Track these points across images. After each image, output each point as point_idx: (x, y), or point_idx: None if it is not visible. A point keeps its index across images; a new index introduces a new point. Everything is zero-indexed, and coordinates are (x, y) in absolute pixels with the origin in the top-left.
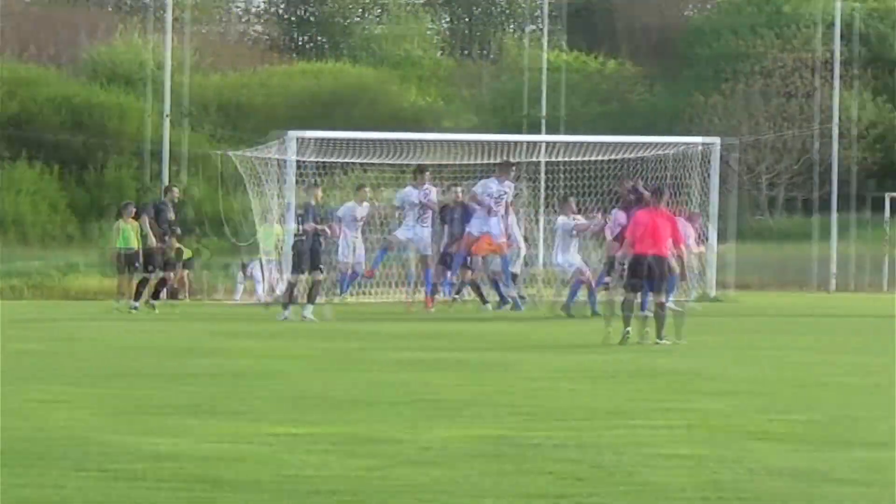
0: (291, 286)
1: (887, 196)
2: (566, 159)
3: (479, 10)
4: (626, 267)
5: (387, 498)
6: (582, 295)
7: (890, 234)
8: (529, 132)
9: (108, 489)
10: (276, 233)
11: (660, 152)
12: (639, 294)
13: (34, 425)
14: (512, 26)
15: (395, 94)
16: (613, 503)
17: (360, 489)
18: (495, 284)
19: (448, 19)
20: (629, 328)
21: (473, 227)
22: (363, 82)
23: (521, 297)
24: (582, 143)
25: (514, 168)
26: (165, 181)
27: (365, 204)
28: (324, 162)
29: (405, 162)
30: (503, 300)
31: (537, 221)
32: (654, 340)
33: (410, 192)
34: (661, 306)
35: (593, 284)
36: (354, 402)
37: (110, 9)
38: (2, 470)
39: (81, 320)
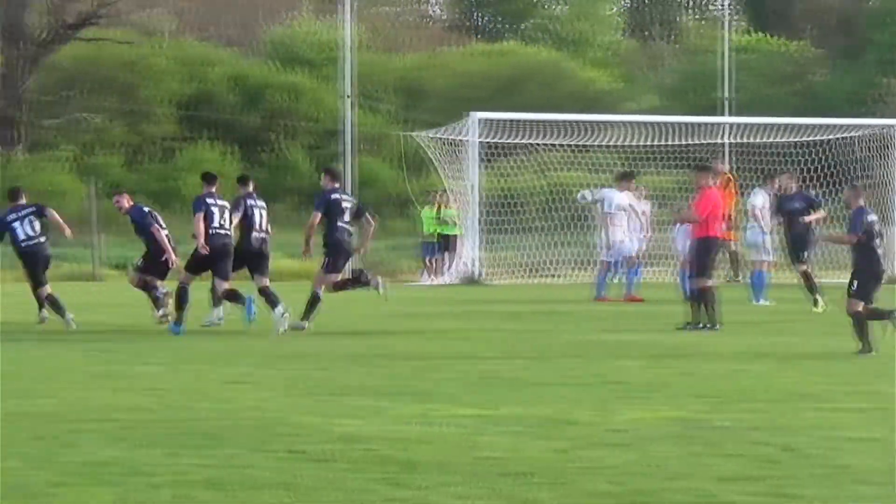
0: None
1: None
2: (749, 141)
3: None
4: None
5: (578, 479)
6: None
7: None
8: (711, 114)
9: (298, 470)
10: (429, 215)
11: (845, 134)
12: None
13: (221, 406)
14: (692, 8)
15: (573, 75)
16: (807, 486)
17: (552, 470)
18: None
19: (628, 1)
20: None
21: None
22: (541, 63)
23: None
24: (764, 125)
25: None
26: (349, 162)
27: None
28: (505, 143)
29: (587, 143)
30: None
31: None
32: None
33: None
34: None
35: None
36: (544, 384)
37: None
38: (191, 451)
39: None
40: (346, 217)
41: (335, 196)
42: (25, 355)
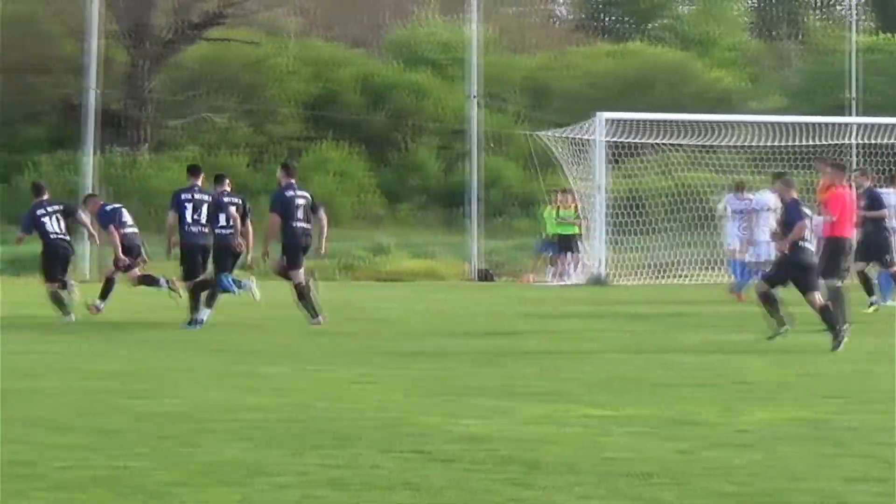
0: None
1: None
2: (876, 142)
3: None
4: None
5: (702, 480)
6: None
7: None
8: (837, 115)
9: (422, 470)
10: (548, 215)
11: None
12: None
13: (346, 406)
14: (818, 8)
15: (699, 75)
16: None
17: (676, 471)
18: None
19: (755, 1)
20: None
21: None
22: (667, 63)
23: None
24: (892, 126)
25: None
26: (475, 161)
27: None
28: (631, 143)
29: (713, 143)
30: None
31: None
32: None
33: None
34: None
35: None
36: (670, 384)
37: None
38: (315, 451)
39: (390, 301)
40: (300, 214)
41: (289, 194)
42: (151, 355)
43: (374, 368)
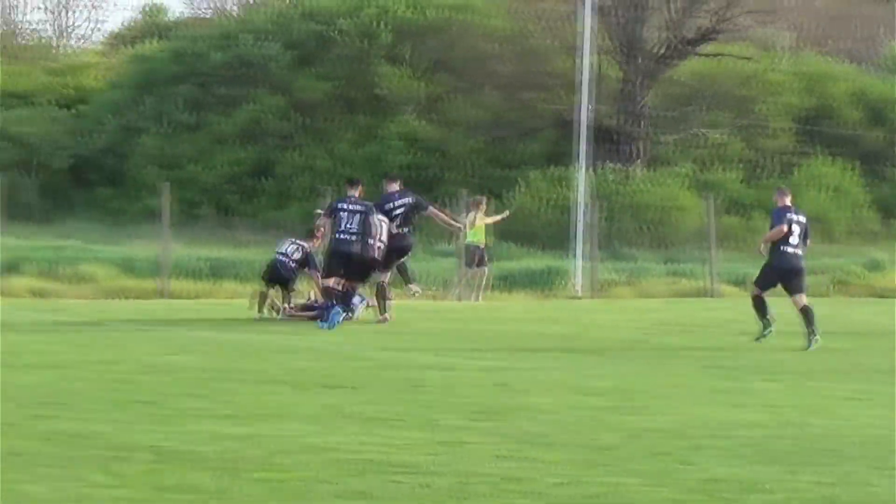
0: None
1: None
2: None
3: None
4: None
5: None
6: None
7: None
8: None
9: None
10: None
11: None
12: None
13: (839, 423)
14: None
15: None
16: None
17: None
18: None
19: None
20: None
21: None
22: None
23: None
24: None
25: None
26: None
27: None
28: None
29: None
30: None
31: None
32: None
33: None
34: None
35: None
36: None
37: None
38: (808, 468)
39: (885, 317)
40: (348, 225)
41: (341, 205)
42: (641, 372)
43: (867, 384)
